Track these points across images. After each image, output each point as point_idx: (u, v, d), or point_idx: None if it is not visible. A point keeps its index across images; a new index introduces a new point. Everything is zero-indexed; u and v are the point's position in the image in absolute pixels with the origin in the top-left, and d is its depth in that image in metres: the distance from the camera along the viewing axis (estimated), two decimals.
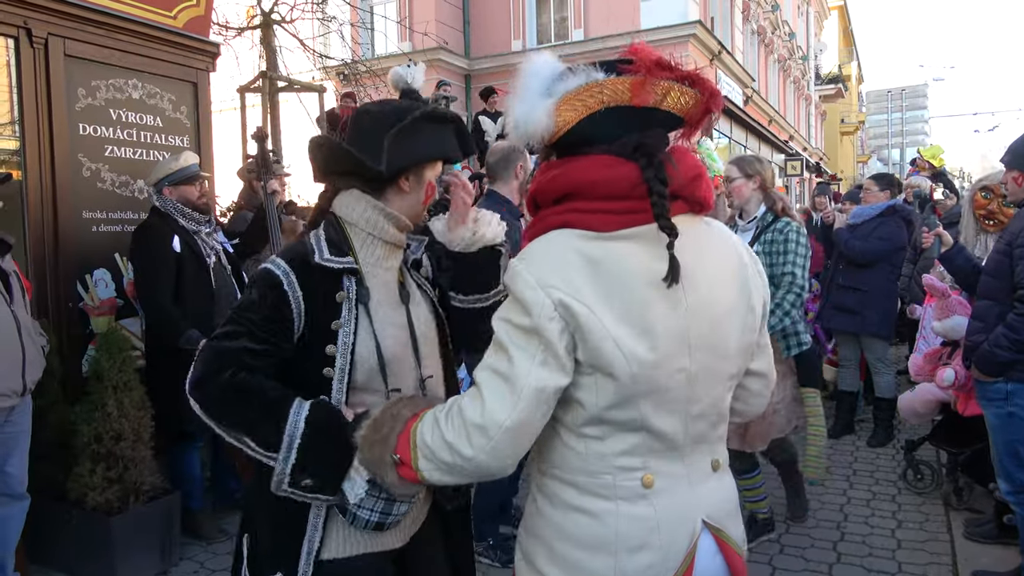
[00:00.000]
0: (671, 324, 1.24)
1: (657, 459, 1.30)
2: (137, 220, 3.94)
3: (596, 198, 1.25)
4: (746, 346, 1.37)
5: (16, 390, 2.92)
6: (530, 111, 1.25)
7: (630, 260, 1.23)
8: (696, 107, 1.27)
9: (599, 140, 1.27)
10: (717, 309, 1.30)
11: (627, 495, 1.28)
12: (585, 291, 1.21)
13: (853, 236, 5.20)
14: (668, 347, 1.24)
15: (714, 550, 1.35)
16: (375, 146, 1.55)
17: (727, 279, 1.33)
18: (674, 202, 1.25)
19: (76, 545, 3.34)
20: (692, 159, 1.32)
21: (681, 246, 1.22)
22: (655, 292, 1.22)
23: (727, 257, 1.36)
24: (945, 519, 3.97)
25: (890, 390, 5.25)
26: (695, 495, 1.34)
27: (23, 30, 3.59)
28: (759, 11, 21.55)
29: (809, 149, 29.36)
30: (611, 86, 1.24)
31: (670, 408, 1.28)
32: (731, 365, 1.35)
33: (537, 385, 1.21)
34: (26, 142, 3.62)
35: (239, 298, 1.64)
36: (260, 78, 8.53)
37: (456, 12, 15.69)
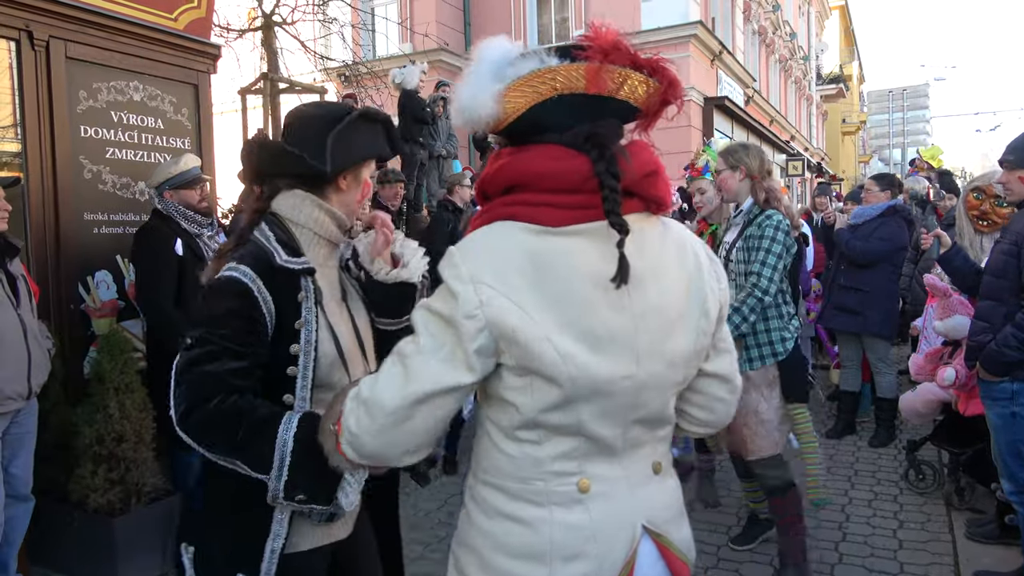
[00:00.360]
0: (617, 329, 1.18)
1: (593, 463, 1.24)
2: (139, 222, 3.94)
3: (544, 190, 1.18)
4: (699, 351, 1.30)
5: (22, 393, 2.93)
6: (476, 96, 1.19)
7: (576, 258, 1.16)
8: (655, 97, 1.19)
9: (550, 129, 1.20)
10: (669, 314, 1.23)
11: (561, 501, 1.22)
12: (521, 290, 1.14)
13: (854, 236, 5.20)
14: (613, 353, 1.18)
15: (655, 556, 1.29)
16: (319, 146, 1.58)
17: (681, 283, 1.26)
18: (628, 199, 1.19)
19: (78, 546, 3.35)
20: (648, 154, 1.24)
21: (633, 246, 1.16)
22: (601, 294, 1.16)
23: (683, 260, 1.28)
24: (947, 519, 3.97)
25: (892, 390, 5.25)
26: (634, 499, 1.27)
27: (24, 33, 3.59)
28: (760, 11, 21.54)
29: (810, 149, 29.34)
30: (564, 72, 1.17)
31: (611, 414, 1.22)
32: (681, 371, 1.28)
33: (432, 377, 1.16)
34: (28, 144, 3.63)
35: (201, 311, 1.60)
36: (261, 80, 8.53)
37: (457, 13, 15.70)
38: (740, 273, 3.22)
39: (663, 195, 1.25)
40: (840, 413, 5.59)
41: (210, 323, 1.55)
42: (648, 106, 1.20)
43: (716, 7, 16.83)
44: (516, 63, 1.20)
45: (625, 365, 1.19)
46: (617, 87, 1.17)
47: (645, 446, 1.30)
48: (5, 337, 2.87)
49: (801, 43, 28.06)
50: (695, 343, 1.28)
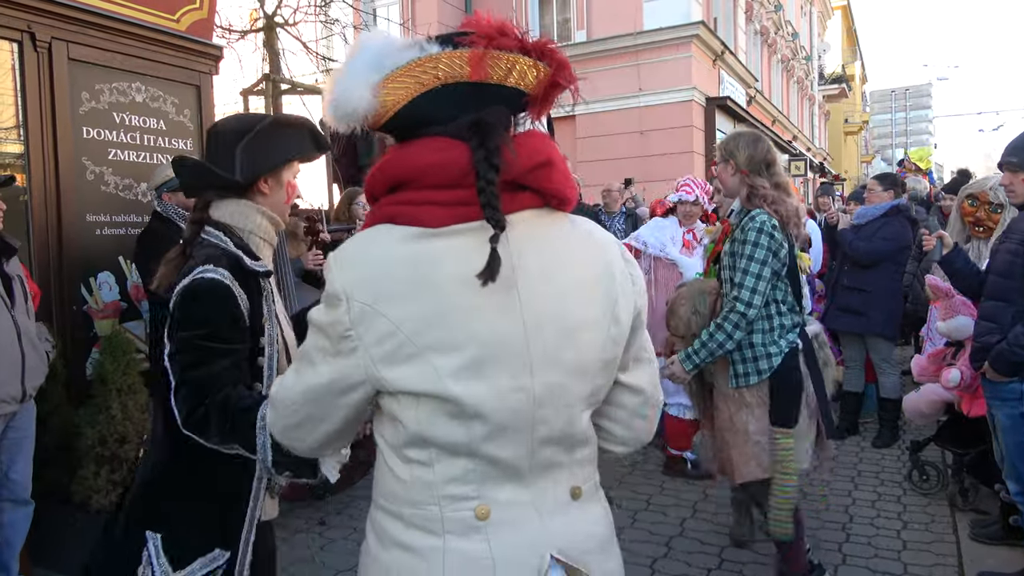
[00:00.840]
0: (505, 337, 1.08)
1: (495, 487, 1.13)
2: (141, 223, 3.95)
3: (426, 187, 1.10)
4: (609, 361, 1.19)
5: (15, 396, 2.89)
6: (350, 88, 1.09)
7: (458, 262, 1.06)
8: (544, 81, 1.10)
9: (435, 121, 1.11)
10: (568, 321, 1.13)
11: (457, 529, 1.11)
12: (398, 303, 1.06)
13: (857, 237, 5.19)
14: (501, 364, 1.08)
15: None
16: (228, 158, 1.75)
17: (585, 286, 1.15)
18: (518, 193, 1.11)
19: (80, 548, 3.35)
20: (540, 144, 1.14)
21: (525, 245, 1.10)
22: (484, 300, 1.06)
23: (588, 261, 1.17)
24: (951, 520, 3.96)
25: (895, 391, 5.24)
26: (544, 528, 1.15)
27: (27, 34, 3.60)
28: (762, 11, 21.53)
29: (813, 149, 29.31)
30: (447, 60, 1.08)
31: (508, 432, 1.11)
32: (588, 384, 1.17)
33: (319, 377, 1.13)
34: (30, 146, 3.63)
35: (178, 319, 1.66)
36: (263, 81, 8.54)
37: (459, 14, 15.70)
38: (727, 281, 2.97)
39: (561, 188, 1.14)
40: (843, 414, 5.57)
41: (196, 325, 1.63)
42: (537, 91, 1.11)
43: (718, 7, 16.82)
44: (396, 53, 1.10)
45: (516, 377, 1.09)
46: (505, 73, 1.09)
47: (560, 469, 1.18)
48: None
49: (803, 43, 28.03)
50: (604, 352, 1.17)
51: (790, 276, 2.93)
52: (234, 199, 1.80)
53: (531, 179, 1.12)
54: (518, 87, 1.11)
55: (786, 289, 2.94)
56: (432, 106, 1.10)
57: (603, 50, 14.68)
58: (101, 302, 3.90)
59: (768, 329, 2.90)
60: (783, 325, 2.92)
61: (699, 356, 2.94)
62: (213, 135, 1.85)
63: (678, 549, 3.67)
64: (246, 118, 1.86)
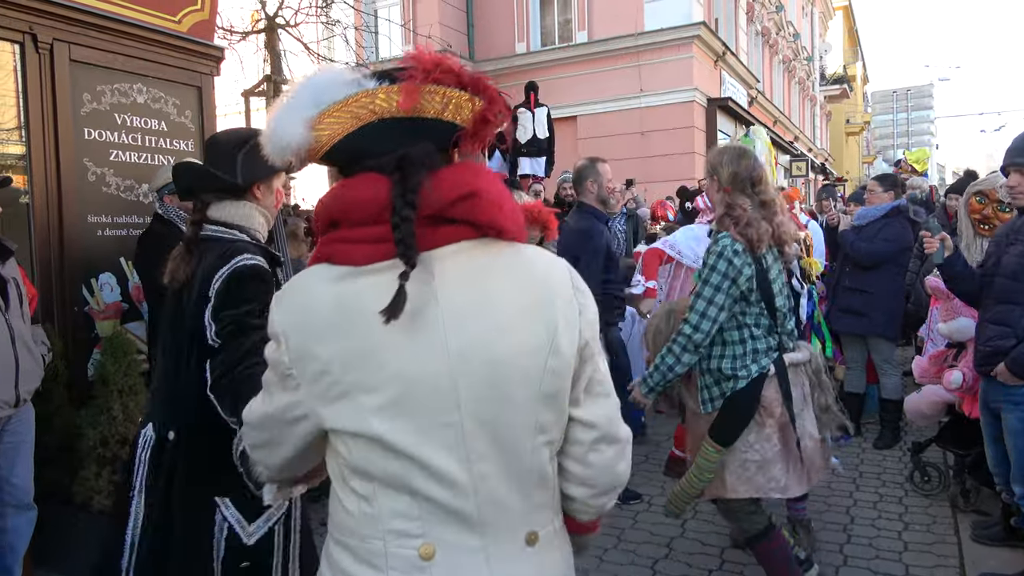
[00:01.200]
0: (427, 374, 1.08)
1: (441, 527, 1.11)
2: (142, 224, 3.95)
3: (354, 224, 1.11)
4: (552, 394, 1.14)
5: (8, 401, 2.85)
6: (285, 123, 1.11)
7: (375, 300, 1.04)
8: (476, 115, 1.13)
9: (370, 155, 1.11)
10: (500, 353, 1.10)
11: (400, 566, 1.10)
12: (325, 342, 1.09)
13: (858, 238, 5.18)
14: (423, 400, 1.08)
15: None
16: (230, 163, 1.99)
17: (519, 317, 1.12)
18: (447, 226, 1.11)
19: (82, 549, 3.35)
20: (465, 176, 1.13)
21: (453, 278, 1.10)
22: (405, 337, 1.06)
23: (525, 291, 1.14)
24: (952, 521, 3.95)
25: (896, 391, 5.23)
26: (493, 574, 1.12)
27: (28, 35, 3.60)
28: (763, 12, 21.52)
29: (814, 150, 29.29)
30: (384, 94, 1.10)
31: (442, 468, 1.09)
32: (528, 418, 1.13)
33: (272, 404, 1.18)
34: (32, 147, 3.64)
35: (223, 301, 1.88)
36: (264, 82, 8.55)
37: (460, 15, 15.70)
38: None
39: (492, 219, 1.12)
40: (845, 415, 5.56)
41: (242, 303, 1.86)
42: (469, 125, 1.13)
43: (719, 8, 16.82)
44: (335, 89, 1.11)
45: (441, 414, 1.08)
46: (442, 108, 1.11)
47: (512, 513, 1.14)
48: None
49: (805, 44, 28.02)
50: (544, 385, 1.13)
51: (765, 299, 2.80)
52: (233, 200, 2.04)
53: (456, 212, 1.11)
54: (454, 121, 1.12)
55: (759, 312, 2.82)
56: (368, 140, 1.11)
57: (604, 51, 14.67)
58: (102, 303, 3.90)
59: (740, 354, 2.80)
60: (756, 350, 2.81)
61: (652, 379, 2.88)
62: (215, 144, 2.08)
63: (679, 550, 3.67)
64: (244, 130, 2.12)
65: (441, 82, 1.10)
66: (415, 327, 1.07)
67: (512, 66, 15.20)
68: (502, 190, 1.17)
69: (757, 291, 2.77)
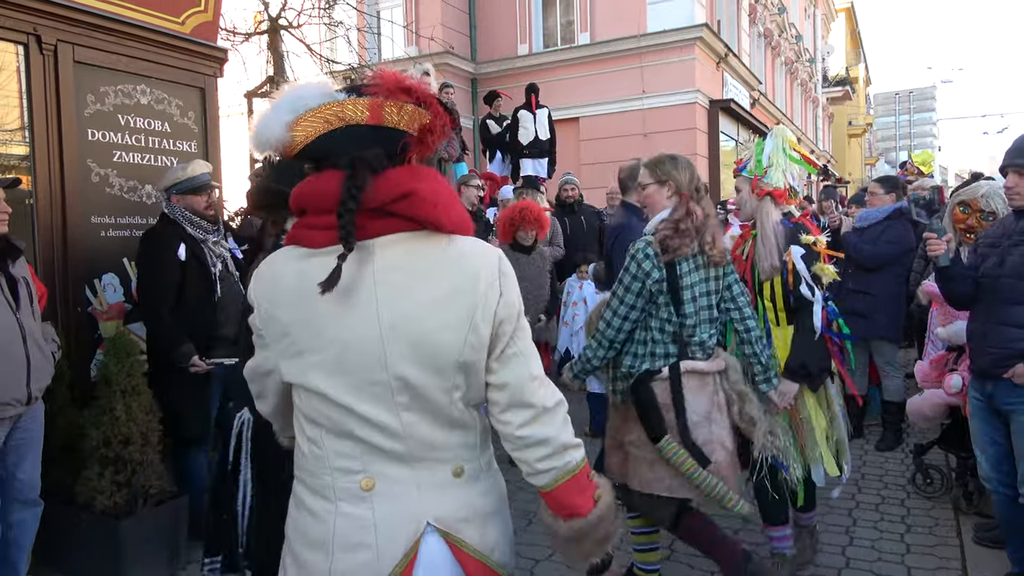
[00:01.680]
0: (362, 339, 1.31)
1: (379, 463, 1.36)
2: (145, 225, 3.96)
3: (316, 212, 1.34)
4: (470, 364, 1.36)
5: (20, 399, 2.89)
6: (268, 124, 1.34)
7: (322, 275, 1.26)
8: (423, 124, 1.35)
9: (336, 155, 1.32)
10: (424, 326, 1.32)
11: (346, 497, 1.36)
12: (285, 308, 1.35)
13: (861, 240, 5.18)
14: (357, 361, 1.32)
15: (445, 553, 1.39)
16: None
17: (446, 297, 1.34)
18: (387, 218, 1.33)
19: (84, 548, 3.36)
20: (404, 178, 1.33)
21: (390, 262, 1.32)
22: (346, 308, 1.31)
23: (454, 275, 1.35)
24: (955, 524, 3.95)
25: (899, 394, 5.23)
26: (423, 500, 1.37)
27: (33, 37, 3.62)
28: (766, 14, 21.52)
29: (816, 151, 29.27)
30: (352, 105, 1.33)
31: (373, 418, 1.33)
32: (446, 380, 1.35)
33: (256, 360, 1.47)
34: (36, 147, 3.65)
35: None
36: (267, 83, 8.56)
37: (462, 16, 15.71)
38: None
39: (426, 215, 1.33)
40: (847, 417, 5.56)
41: None
42: (416, 133, 1.35)
43: (721, 10, 16.82)
44: (312, 98, 1.34)
45: (372, 373, 1.32)
46: (399, 119, 1.34)
47: (440, 451, 1.39)
48: (1, 342, 2.81)
49: (807, 45, 28.02)
50: (462, 355, 1.35)
51: (674, 304, 2.82)
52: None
53: (395, 207, 1.32)
54: (408, 130, 1.35)
55: (665, 319, 2.84)
56: (335, 142, 1.33)
57: (606, 52, 14.67)
58: (105, 304, 3.91)
59: (641, 353, 2.89)
60: (654, 352, 2.86)
61: (576, 367, 3.05)
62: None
63: (681, 551, 3.66)
64: None
65: (400, 98, 1.33)
66: (352, 301, 1.31)
67: (514, 67, 15.20)
68: (438, 190, 1.37)
69: (666, 295, 2.82)
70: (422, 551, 1.36)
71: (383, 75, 1.35)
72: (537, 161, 9.34)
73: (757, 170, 3.26)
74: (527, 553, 3.70)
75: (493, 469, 1.51)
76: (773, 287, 3.22)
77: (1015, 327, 3.05)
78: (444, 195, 1.38)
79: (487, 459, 1.49)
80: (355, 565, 1.34)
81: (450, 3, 15.19)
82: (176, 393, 3.61)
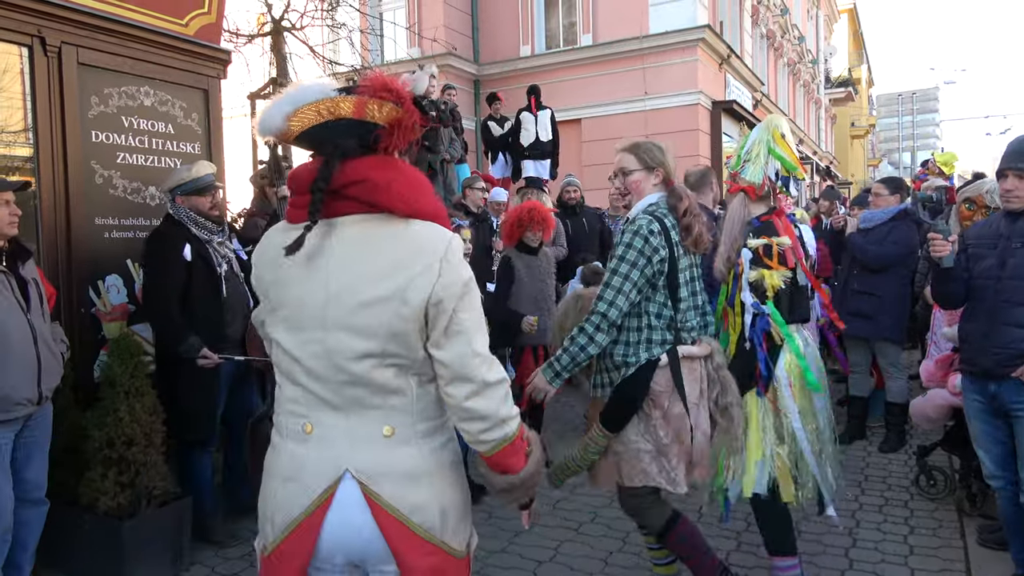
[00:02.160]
0: (311, 302, 1.54)
1: (319, 412, 1.58)
2: (149, 226, 3.97)
3: (297, 193, 1.59)
4: (400, 332, 1.52)
5: (31, 399, 2.93)
6: (271, 115, 1.54)
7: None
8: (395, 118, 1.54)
9: (327, 143, 1.53)
10: (362, 296, 1.51)
11: (292, 436, 1.61)
12: (266, 271, 1.63)
13: (866, 241, 5.17)
14: (305, 321, 1.55)
15: (359, 501, 1.55)
16: None
17: (385, 272, 1.51)
18: (345, 200, 1.53)
19: (88, 549, 3.36)
20: (363, 168, 1.53)
21: (345, 238, 1.54)
22: (304, 274, 1.55)
23: (396, 254, 1.53)
24: (958, 525, 3.94)
25: (902, 395, 5.22)
26: (351, 450, 1.56)
27: (37, 39, 3.63)
28: (768, 15, 21.51)
29: (819, 153, 29.25)
30: (343, 102, 1.52)
31: (314, 371, 1.56)
32: (376, 345, 1.52)
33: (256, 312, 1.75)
34: (40, 149, 3.66)
35: None
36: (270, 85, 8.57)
37: (465, 18, 15.72)
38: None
39: (378, 200, 1.53)
40: (850, 418, 5.55)
41: None
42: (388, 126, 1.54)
43: (724, 11, 16.82)
44: (309, 95, 1.53)
45: (314, 332, 1.55)
46: (379, 115, 1.53)
47: (372, 410, 1.57)
48: (13, 343, 2.86)
49: (810, 47, 27.99)
50: (392, 325, 1.51)
51: (671, 288, 2.75)
52: None
53: (351, 192, 1.53)
54: (385, 124, 1.54)
55: (662, 303, 2.76)
56: (325, 132, 1.53)
57: (609, 54, 14.67)
58: (109, 305, 3.92)
59: (634, 342, 2.75)
60: (650, 340, 2.74)
61: (560, 362, 2.76)
62: None
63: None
64: None
65: (384, 98, 1.52)
66: (311, 268, 1.55)
67: (517, 69, 15.21)
68: (397, 179, 1.55)
69: (665, 278, 2.73)
70: (338, 494, 1.55)
71: (373, 77, 1.55)
72: (539, 162, 9.34)
73: (735, 165, 3.16)
74: (529, 555, 3.70)
75: (434, 443, 1.62)
76: (725, 290, 3.17)
77: (1020, 327, 3.05)
78: (401, 183, 1.55)
79: (426, 429, 1.61)
80: (288, 494, 1.58)
81: (452, 5, 15.20)
82: (183, 394, 3.61)
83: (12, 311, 2.89)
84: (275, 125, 1.54)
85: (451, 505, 1.63)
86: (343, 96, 1.52)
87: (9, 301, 2.90)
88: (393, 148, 1.57)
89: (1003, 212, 3.24)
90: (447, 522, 1.61)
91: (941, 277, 3.26)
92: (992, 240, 3.21)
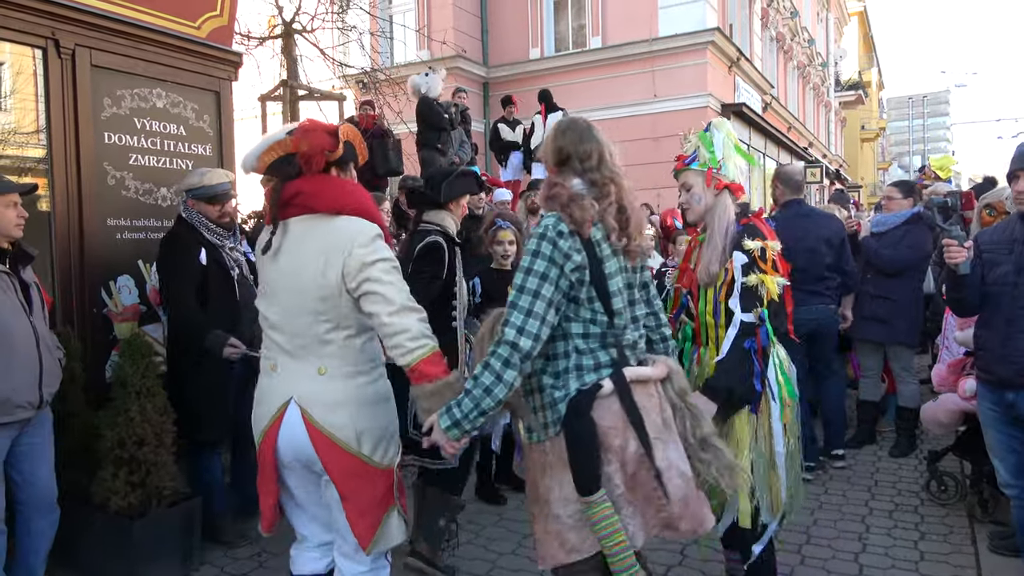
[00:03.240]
0: (272, 278, 2.31)
1: (279, 356, 2.30)
2: (161, 227, 3.99)
3: (267, 205, 2.37)
4: (326, 297, 2.20)
5: (33, 403, 2.90)
6: (250, 154, 2.32)
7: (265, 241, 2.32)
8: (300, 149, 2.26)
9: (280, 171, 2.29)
10: (301, 274, 2.22)
11: (265, 372, 2.36)
12: (258, 261, 2.40)
13: (881, 245, 5.14)
14: (272, 293, 2.31)
15: (299, 421, 2.23)
16: (437, 188, 3.49)
17: (313, 256, 2.20)
18: (291, 208, 2.27)
19: (99, 548, 3.38)
20: (298, 184, 2.26)
21: (294, 233, 2.27)
22: (272, 260, 2.29)
23: (324, 241, 2.21)
24: (969, 531, 3.91)
25: (914, 399, 5.18)
26: (297, 383, 2.25)
27: (51, 41, 3.65)
28: (778, 18, 21.45)
29: (829, 156, 29.13)
30: (288, 141, 2.26)
31: (276, 326, 2.29)
32: (310, 306, 2.22)
33: None
34: (53, 150, 3.69)
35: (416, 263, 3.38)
36: (281, 87, 8.61)
37: (474, 20, 15.75)
38: None
39: (313, 206, 2.25)
40: (860, 423, 5.53)
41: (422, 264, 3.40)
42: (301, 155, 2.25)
43: (734, 14, 16.79)
44: (276, 137, 2.30)
45: (275, 300, 2.30)
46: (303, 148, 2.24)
47: (311, 355, 2.25)
48: (17, 344, 2.84)
49: (819, 49, 27.90)
50: (318, 292, 2.20)
51: (600, 297, 2.15)
52: (438, 210, 3.51)
53: (295, 200, 2.26)
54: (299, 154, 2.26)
55: (590, 319, 2.16)
56: (279, 164, 2.28)
57: (618, 56, 14.67)
58: (120, 305, 3.94)
59: (563, 370, 2.15)
60: (580, 366, 2.14)
61: (461, 410, 2.06)
62: (431, 176, 3.68)
63: (692, 557, 3.65)
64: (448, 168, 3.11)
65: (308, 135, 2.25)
66: (275, 257, 2.29)
67: (526, 71, 15.22)
68: (324, 189, 2.26)
69: (589, 286, 2.14)
70: (286, 416, 2.24)
71: (303, 122, 2.34)
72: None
73: (711, 162, 2.78)
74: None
75: (357, 381, 2.27)
76: (706, 296, 2.73)
77: None
78: (327, 191, 2.25)
79: (349, 371, 2.26)
80: (259, 413, 2.33)
81: (462, 7, 15.23)
82: (195, 396, 3.61)
83: (16, 313, 2.87)
84: (251, 164, 2.32)
85: (366, 428, 2.24)
86: (288, 137, 2.26)
87: (12, 303, 2.88)
88: (311, 170, 2.23)
89: (1017, 215, 3.19)
90: (363, 439, 2.23)
91: (956, 284, 3.17)
92: (1007, 245, 3.15)
